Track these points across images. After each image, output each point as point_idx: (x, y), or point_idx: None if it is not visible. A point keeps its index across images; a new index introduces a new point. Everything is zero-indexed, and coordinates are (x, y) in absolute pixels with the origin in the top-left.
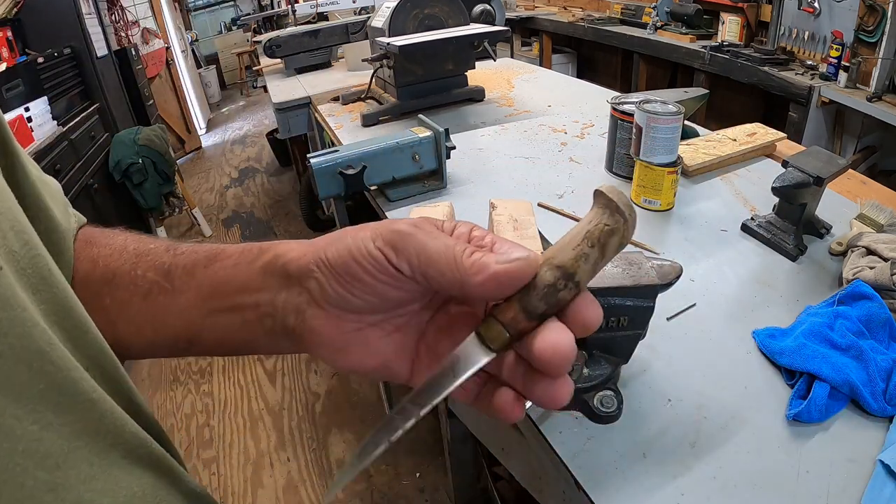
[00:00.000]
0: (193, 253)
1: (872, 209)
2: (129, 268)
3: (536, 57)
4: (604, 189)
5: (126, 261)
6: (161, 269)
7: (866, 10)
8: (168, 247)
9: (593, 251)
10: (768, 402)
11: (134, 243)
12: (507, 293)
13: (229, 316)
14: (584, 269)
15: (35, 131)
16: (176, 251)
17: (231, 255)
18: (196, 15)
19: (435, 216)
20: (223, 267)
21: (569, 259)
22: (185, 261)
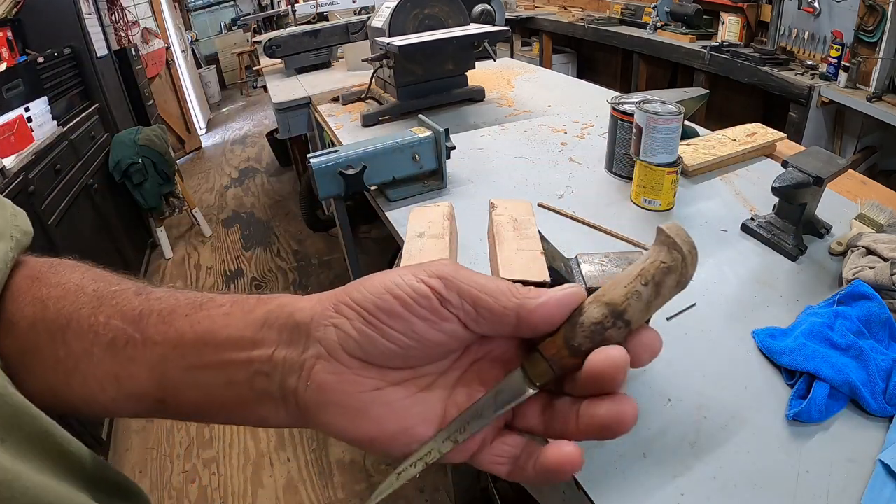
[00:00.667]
0: (172, 298)
1: (872, 209)
2: (89, 313)
3: (536, 57)
4: (664, 226)
5: (84, 304)
6: (129, 316)
7: (866, 10)
8: (139, 289)
9: (646, 289)
10: (768, 402)
11: (93, 283)
12: (561, 320)
13: (212, 374)
14: (635, 307)
15: (35, 131)
16: (149, 295)
17: (222, 303)
18: (196, 15)
19: (435, 216)
20: (210, 316)
21: (619, 297)
22: (161, 306)
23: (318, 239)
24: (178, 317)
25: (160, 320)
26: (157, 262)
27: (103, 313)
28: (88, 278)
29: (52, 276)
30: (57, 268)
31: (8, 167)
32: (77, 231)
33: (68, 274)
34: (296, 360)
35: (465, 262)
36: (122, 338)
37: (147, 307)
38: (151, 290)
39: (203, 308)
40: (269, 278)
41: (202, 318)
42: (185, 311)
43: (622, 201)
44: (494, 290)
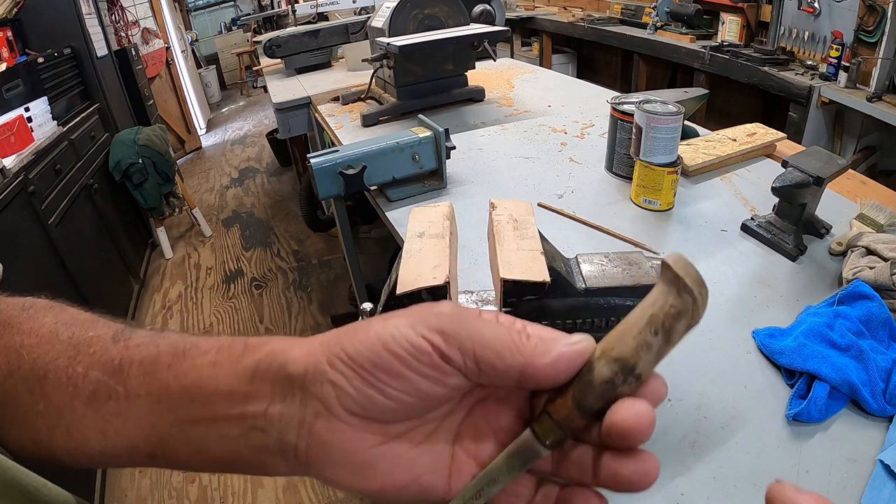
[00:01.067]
0: (153, 345)
1: (872, 209)
2: (66, 363)
3: (536, 57)
4: (670, 261)
5: (60, 353)
6: (108, 366)
7: (866, 10)
8: (116, 334)
9: (657, 339)
10: (768, 401)
11: (67, 329)
12: (568, 378)
13: (203, 429)
14: (646, 360)
15: (35, 131)
16: (128, 342)
17: (206, 350)
18: (196, 15)
19: (435, 216)
20: (196, 366)
21: (629, 350)
22: (141, 355)
23: (318, 239)
24: (161, 367)
25: (142, 371)
26: (157, 262)
27: (81, 363)
28: (62, 322)
29: (24, 320)
30: (30, 311)
31: (8, 167)
32: (77, 231)
33: (41, 318)
34: (293, 416)
35: (465, 262)
36: (104, 391)
37: (127, 356)
38: (129, 336)
39: (187, 356)
40: (269, 278)
41: (187, 368)
42: (167, 360)
43: (622, 201)
44: (499, 345)
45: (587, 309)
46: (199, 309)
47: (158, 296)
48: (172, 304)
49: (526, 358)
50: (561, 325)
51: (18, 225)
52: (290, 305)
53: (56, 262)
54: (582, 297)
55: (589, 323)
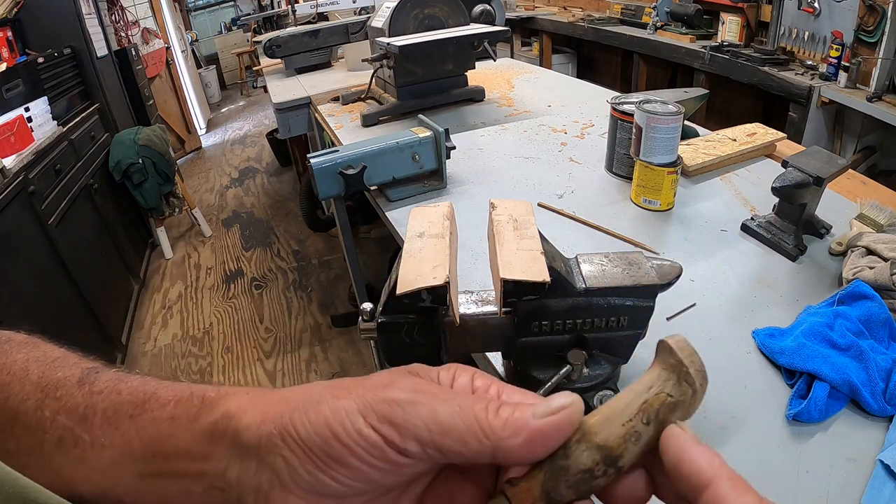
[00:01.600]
0: (115, 393)
1: (872, 209)
2: (34, 406)
3: (536, 57)
4: (671, 343)
5: (29, 394)
6: (74, 413)
7: (866, 10)
8: (82, 377)
9: (647, 429)
10: (768, 401)
11: (38, 368)
12: (546, 454)
13: (166, 482)
14: (631, 451)
15: (35, 131)
16: (92, 386)
17: (165, 401)
18: (196, 15)
19: (435, 216)
20: (155, 419)
21: (615, 438)
22: (105, 404)
23: (318, 239)
24: (123, 417)
25: (105, 421)
26: (157, 262)
27: (49, 408)
28: (34, 360)
29: (1, 357)
30: (5, 346)
31: (8, 167)
32: (77, 231)
33: (14, 354)
34: (249, 483)
35: (465, 262)
36: (70, 438)
37: (91, 404)
38: (94, 379)
39: (147, 408)
40: (269, 278)
41: (147, 422)
42: (128, 410)
43: (622, 201)
44: (461, 430)
45: (587, 309)
46: (199, 309)
47: (158, 296)
48: (172, 304)
49: (493, 442)
50: (561, 325)
51: (18, 225)
52: (290, 305)
53: (56, 262)
54: (582, 297)
55: (589, 323)
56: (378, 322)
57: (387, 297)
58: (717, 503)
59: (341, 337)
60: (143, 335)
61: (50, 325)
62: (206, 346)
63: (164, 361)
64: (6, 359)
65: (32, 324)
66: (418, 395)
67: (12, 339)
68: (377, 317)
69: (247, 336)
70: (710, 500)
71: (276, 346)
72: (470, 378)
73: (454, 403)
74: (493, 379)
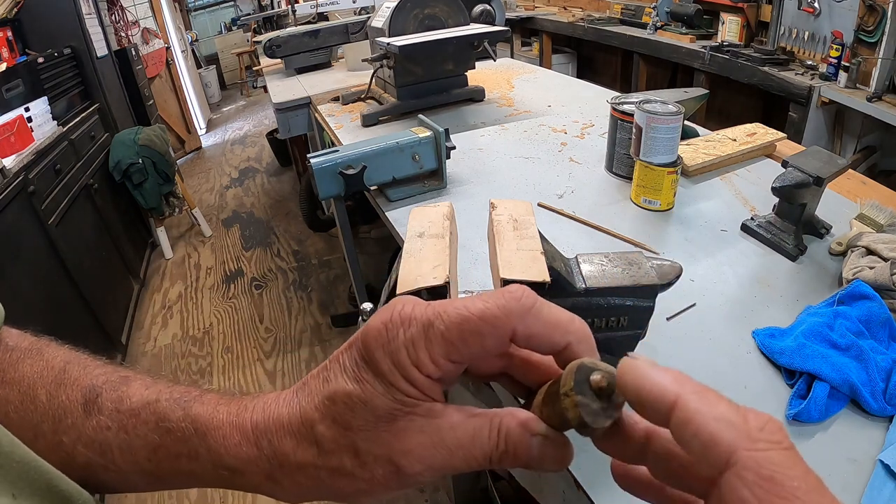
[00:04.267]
0: (123, 432)
1: (872, 209)
2: (50, 431)
3: (536, 57)
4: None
5: (43, 417)
6: (92, 446)
7: (866, 10)
8: (86, 404)
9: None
10: (768, 401)
11: (44, 388)
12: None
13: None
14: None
15: (35, 131)
16: (98, 420)
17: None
18: (196, 15)
19: (435, 216)
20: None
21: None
22: (118, 441)
23: (318, 239)
24: (141, 459)
25: (123, 456)
26: (157, 262)
27: (66, 434)
28: (38, 376)
29: (8, 367)
30: (12, 356)
31: (8, 167)
32: (77, 231)
33: (21, 367)
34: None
35: (465, 262)
36: (98, 465)
37: (104, 440)
38: (98, 407)
39: (160, 456)
40: (269, 278)
41: (164, 461)
42: (144, 454)
43: (622, 201)
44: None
45: (587, 309)
46: (199, 309)
47: (158, 296)
48: (172, 304)
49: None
50: None
51: (18, 225)
52: (290, 305)
53: (56, 262)
54: (582, 297)
55: (589, 323)
56: None
57: (387, 297)
58: (688, 421)
59: (341, 337)
60: (143, 335)
61: (50, 325)
62: (206, 346)
63: (163, 361)
64: (14, 373)
65: (32, 324)
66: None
67: (18, 347)
68: None
69: (247, 336)
70: (679, 419)
71: (276, 346)
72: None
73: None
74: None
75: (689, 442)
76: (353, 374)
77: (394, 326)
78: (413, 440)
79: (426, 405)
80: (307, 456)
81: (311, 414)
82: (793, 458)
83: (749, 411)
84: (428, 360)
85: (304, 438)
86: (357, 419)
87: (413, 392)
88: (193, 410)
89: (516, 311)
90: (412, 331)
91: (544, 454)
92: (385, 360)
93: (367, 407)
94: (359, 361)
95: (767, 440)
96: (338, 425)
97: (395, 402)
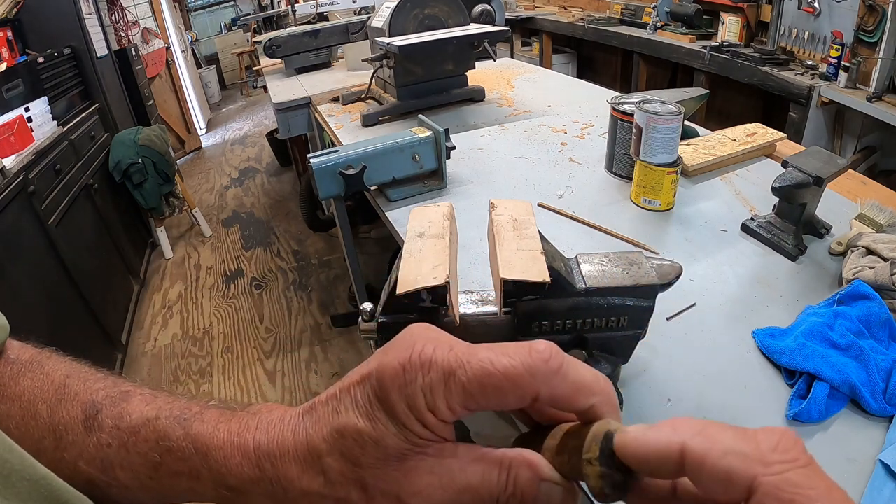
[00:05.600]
0: (124, 449)
1: (872, 209)
2: (52, 446)
3: (536, 57)
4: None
5: (44, 434)
6: (94, 463)
7: (866, 10)
8: (86, 420)
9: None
10: (768, 401)
11: (44, 403)
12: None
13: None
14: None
15: (35, 131)
16: (99, 437)
17: (178, 472)
18: (196, 15)
19: (435, 216)
20: (173, 482)
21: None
22: (119, 459)
23: (318, 239)
24: (143, 477)
25: (125, 473)
26: (157, 262)
27: (67, 451)
28: (38, 392)
29: (8, 381)
30: (13, 369)
31: (8, 167)
32: (77, 231)
33: (21, 381)
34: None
35: (465, 262)
36: (100, 483)
37: (105, 457)
38: (98, 424)
39: (161, 472)
40: (269, 278)
41: (167, 478)
42: (145, 471)
43: (622, 201)
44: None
45: (587, 309)
46: (199, 309)
47: (158, 296)
48: (172, 304)
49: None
50: (561, 325)
51: (18, 225)
52: (290, 305)
53: (56, 262)
54: (582, 297)
55: (589, 323)
56: (378, 322)
57: (387, 297)
58: (700, 465)
59: (341, 337)
60: (143, 335)
61: (50, 325)
62: (206, 347)
63: (163, 362)
64: (15, 387)
65: (32, 323)
66: None
67: (19, 360)
68: (377, 317)
69: (247, 336)
70: (691, 467)
71: (276, 346)
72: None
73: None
74: None
75: (709, 485)
76: (366, 412)
77: (412, 369)
78: (422, 481)
79: (437, 445)
80: (313, 485)
81: (318, 444)
82: (813, 475)
83: (759, 432)
84: (445, 407)
85: (310, 467)
86: (367, 457)
87: (426, 434)
88: (194, 429)
89: (542, 373)
90: (432, 376)
91: (551, 499)
92: (400, 403)
93: (378, 446)
94: (372, 399)
95: (782, 460)
96: (346, 460)
97: (406, 443)
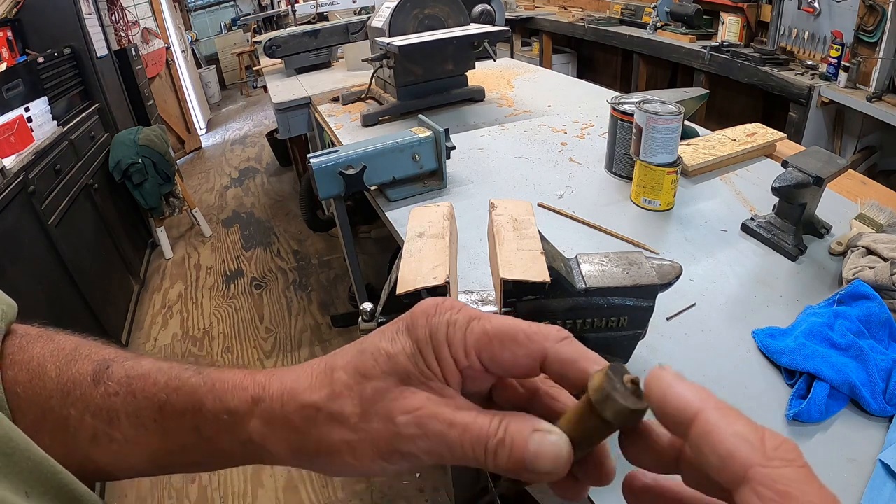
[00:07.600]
0: (131, 396)
1: (872, 209)
2: (59, 404)
3: (536, 57)
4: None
5: (52, 392)
6: (99, 415)
7: (866, 10)
8: (95, 374)
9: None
10: (768, 401)
11: (54, 364)
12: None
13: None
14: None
15: (35, 131)
16: (107, 387)
17: (182, 411)
18: (196, 15)
19: (435, 216)
20: (180, 427)
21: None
22: (126, 408)
23: (318, 239)
24: (148, 421)
25: (130, 423)
26: (158, 262)
27: (73, 406)
28: (48, 355)
29: (19, 355)
30: (21, 341)
31: (8, 167)
32: (77, 231)
33: (31, 349)
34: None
35: (465, 262)
36: (104, 436)
37: (111, 407)
38: (107, 377)
39: (165, 413)
40: (269, 278)
41: (172, 426)
42: (149, 414)
43: (622, 201)
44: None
45: (587, 309)
46: (199, 309)
47: (158, 296)
48: (172, 304)
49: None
50: (561, 324)
51: (18, 225)
52: (290, 305)
53: (56, 262)
54: (582, 296)
55: (589, 323)
56: (378, 322)
57: (387, 297)
58: (707, 434)
59: (341, 337)
60: (143, 335)
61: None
62: (206, 347)
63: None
64: (24, 355)
65: (32, 323)
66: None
67: (28, 334)
68: (377, 317)
69: (247, 336)
70: (698, 432)
71: (276, 346)
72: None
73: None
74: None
75: (707, 455)
76: (391, 336)
77: (444, 307)
78: (416, 401)
79: (440, 385)
80: (315, 396)
81: (337, 361)
82: (808, 476)
83: (766, 431)
84: (461, 345)
85: (319, 382)
86: (376, 368)
87: (434, 367)
88: (205, 370)
89: (553, 336)
90: (458, 316)
91: (542, 448)
92: (424, 329)
93: (390, 361)
94: (401, 328)
95: (783, 458)
96: (357, 372)
97: (415, 367)
